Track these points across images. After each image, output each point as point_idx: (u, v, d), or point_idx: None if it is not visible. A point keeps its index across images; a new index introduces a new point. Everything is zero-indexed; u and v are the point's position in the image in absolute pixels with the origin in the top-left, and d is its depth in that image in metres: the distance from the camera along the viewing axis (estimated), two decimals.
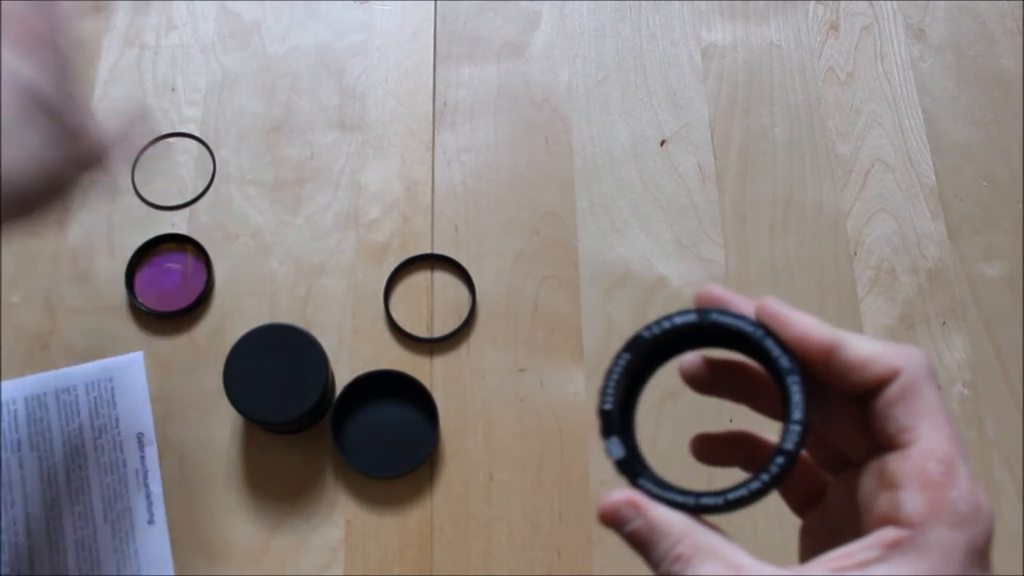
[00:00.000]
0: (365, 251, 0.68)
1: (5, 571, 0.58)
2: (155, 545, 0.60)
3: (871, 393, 0.28)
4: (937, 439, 0.27)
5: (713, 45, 0.75)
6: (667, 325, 0.31)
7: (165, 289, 0.66)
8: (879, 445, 0.28)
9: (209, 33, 0.74)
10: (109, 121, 0.46)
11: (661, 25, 0.76)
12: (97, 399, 0.62)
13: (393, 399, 0.63)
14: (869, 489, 0.28)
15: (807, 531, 0.34)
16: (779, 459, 0.28)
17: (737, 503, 0.28)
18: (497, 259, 0.68)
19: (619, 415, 0.30)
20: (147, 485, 0.61)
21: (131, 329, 0.65)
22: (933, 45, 0.76)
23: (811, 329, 0.29)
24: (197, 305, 0.65)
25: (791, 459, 0.28)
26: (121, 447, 0.61)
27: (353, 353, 0.65)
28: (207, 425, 0.63)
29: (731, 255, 0.69)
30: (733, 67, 0.75)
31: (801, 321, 0.29)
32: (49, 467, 0.61)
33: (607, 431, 0.30)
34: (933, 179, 0.71)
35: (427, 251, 0.68)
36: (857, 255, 0.69)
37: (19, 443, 0.61)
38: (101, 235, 0.68)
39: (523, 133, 0.72)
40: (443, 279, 0.68)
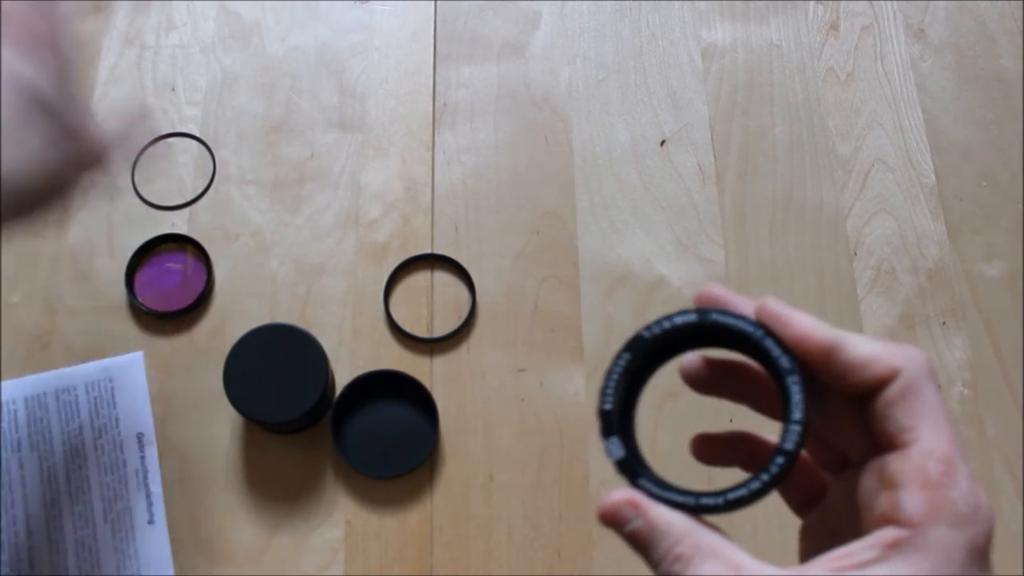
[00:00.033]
0: (365, 251, 0.68)
1: (5, 571, 0.58)
2: (155, 545, 0.60)
3: (871, 393, 0.28)
4: (937, 439, 0.27)
5: (713, 45, 0.75)
6: (667, 325, 0.31)
7: (165, 289, 0.66)
8: (879, 445, 0.28)
9: (209, 33, 0.74)
10: (109, 121, 0.46)
11: (661, 25, 0.76)
12: (97, 399, 0.62)
13: (393, 399, 0.63)
14: (869, 489, 0.28)
15: (807, 531, 0.34)
16: (779, 459, 0.28)
17: (737, 503, 0.28)
18: (497, 259, 0.68)
19: (619, 415, 0.30)
20: (147, 485, 0.61)
21: (131, 329, 0.65)
22: (933, 45, 0.76)
23: (811, 329, 0.29)
24: (197, 305, 0.65)
25: (791, 459, 0.28)
26: (121, 447, 0.61)
27: (353, 353, 0.65)
28: (207, 425, 0.63)
29: (731, 255, 0.69)
30: (733, 67, 0.75)
31: (801, 321, 0.29)
32: (49, 467, 0.61)
33: (607, 431, 0.30)
34: (933, 179, 0.71)
35: (427, 251, 0.68)
36: (857, 255, 0.69)
37: (19, 443, 0.61)
38: (101, 235, 0.68)
39: (523, 133, 0.72)
40: (443, 279, 0.68)
